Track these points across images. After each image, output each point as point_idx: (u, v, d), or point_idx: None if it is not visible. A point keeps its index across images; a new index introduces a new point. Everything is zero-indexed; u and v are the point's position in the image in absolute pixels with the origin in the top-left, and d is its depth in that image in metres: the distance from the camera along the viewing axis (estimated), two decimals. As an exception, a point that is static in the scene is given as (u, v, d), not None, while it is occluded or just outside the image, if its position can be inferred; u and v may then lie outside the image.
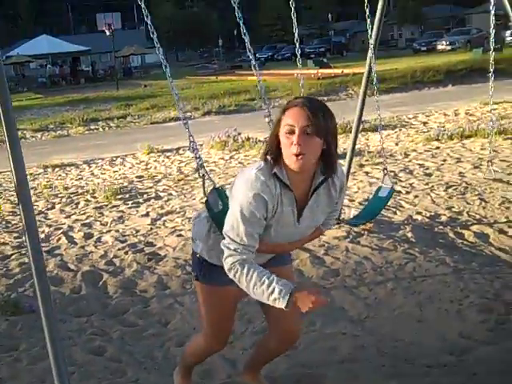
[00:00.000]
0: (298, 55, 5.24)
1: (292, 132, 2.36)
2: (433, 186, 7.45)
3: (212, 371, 3.60)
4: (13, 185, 8.49)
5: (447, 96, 17.88)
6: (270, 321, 3.02)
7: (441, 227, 5.96)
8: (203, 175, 2.96)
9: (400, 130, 12.34)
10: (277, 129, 2.43)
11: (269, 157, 2.46)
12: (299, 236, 2.66)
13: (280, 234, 2.57)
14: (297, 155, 2.35)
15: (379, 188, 5.97)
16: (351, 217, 6.21)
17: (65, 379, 2.50)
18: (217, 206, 2.65)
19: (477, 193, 6.97)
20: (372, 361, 3.50)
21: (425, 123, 12.95)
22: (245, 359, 3.46)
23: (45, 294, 2.49)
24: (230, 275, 2.46)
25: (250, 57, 3.64)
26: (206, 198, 2.69)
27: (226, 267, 2.46)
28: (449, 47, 40.41)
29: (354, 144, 6.18)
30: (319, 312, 4.28)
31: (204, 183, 2.92)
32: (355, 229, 5.93)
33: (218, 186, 2.76)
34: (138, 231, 6.58)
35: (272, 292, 2.35)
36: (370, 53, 5.73)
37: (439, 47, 41.16)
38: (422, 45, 43.74)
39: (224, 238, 2.48)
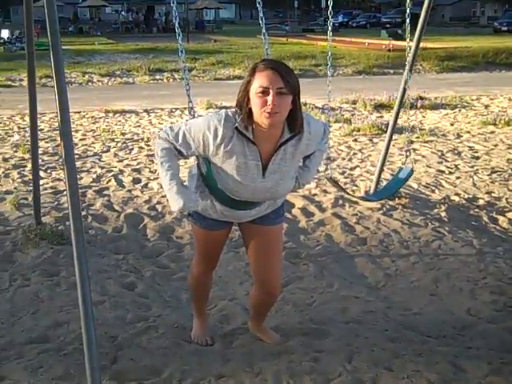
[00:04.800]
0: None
1: (265, 93, 2.55)
2: (477, 170, 7.47)
3: (229, 316, 3.87)
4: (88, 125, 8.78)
5: (517, 81, 17.42)
6: (252, 272, 3.33)
7: (476, 210, 6.03)
8: None
9: (459, 110, 12.21)
10: (247, 88, 2.62)
11: (237, 115, 2.68)
12: (267, 191, 2.84)
13: (247, 186, 2.79)
14: (270, 113, 2.54)
15: (400, 169, 6.29)
16: (371, 192, 6.44)
17: (89, 305, 2.77)
18: (204, 167, 2.93)
19: (520, 181, 6.99)
20: (377, 324, 3.69)
21: (487, 106, 12.75)
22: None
23: (77, 227, 2.74)
24: (155, 151, 2.91)
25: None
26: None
27: (155, 148, 2.91)
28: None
29: (395, 120, 6.27)
30: (339, 276, 4.52)
31: None
32: (390, 202, 6.08)
33: None
34: (183, 182, 6.86)
35: (169, 189, 2.82)
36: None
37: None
38: (504, 24, 42.20)
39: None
